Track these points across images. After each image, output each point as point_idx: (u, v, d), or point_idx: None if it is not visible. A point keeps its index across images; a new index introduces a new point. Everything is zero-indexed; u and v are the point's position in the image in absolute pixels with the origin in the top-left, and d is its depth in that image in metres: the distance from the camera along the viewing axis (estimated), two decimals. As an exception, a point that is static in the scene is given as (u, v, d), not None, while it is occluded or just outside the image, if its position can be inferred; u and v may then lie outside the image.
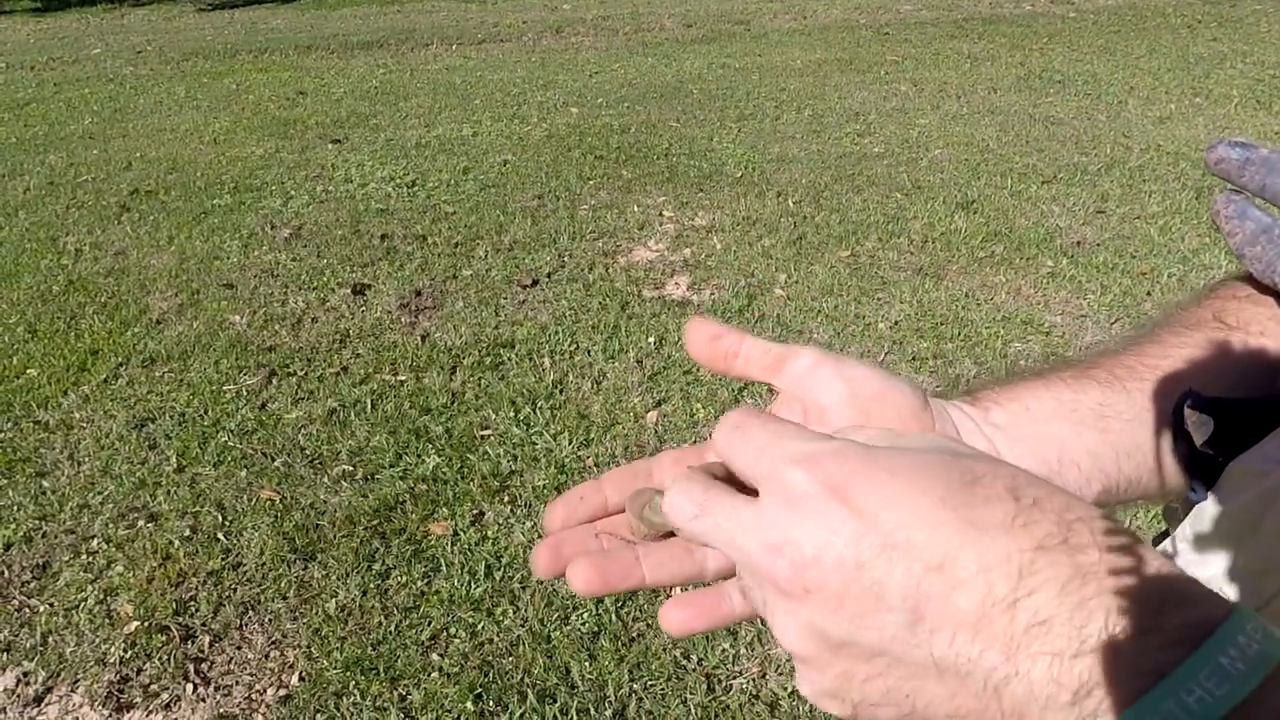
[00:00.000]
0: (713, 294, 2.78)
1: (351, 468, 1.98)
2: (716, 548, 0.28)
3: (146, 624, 1.57)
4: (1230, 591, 0.33)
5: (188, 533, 1.79)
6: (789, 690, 1.41)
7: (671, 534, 0.33)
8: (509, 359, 2.42)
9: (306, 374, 2.38)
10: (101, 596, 1.64)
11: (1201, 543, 0.35)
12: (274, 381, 2.35)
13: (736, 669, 1.45)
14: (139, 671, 1.49)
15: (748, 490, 0.28)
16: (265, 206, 3.64)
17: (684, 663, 1.46)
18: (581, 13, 8.56)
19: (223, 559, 1.72)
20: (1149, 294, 2.74)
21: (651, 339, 2.50)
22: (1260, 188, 0.36)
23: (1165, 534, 0.45)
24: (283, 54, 7.21)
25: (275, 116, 5.16)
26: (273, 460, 2.01)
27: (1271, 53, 5.96)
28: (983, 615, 0.22)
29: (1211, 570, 0.34)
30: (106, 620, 1.59)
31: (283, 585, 1.65)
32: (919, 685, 0.24)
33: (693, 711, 1.38)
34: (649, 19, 8.05)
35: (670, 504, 0.29)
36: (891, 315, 2.62)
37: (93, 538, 1.79)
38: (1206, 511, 0.36)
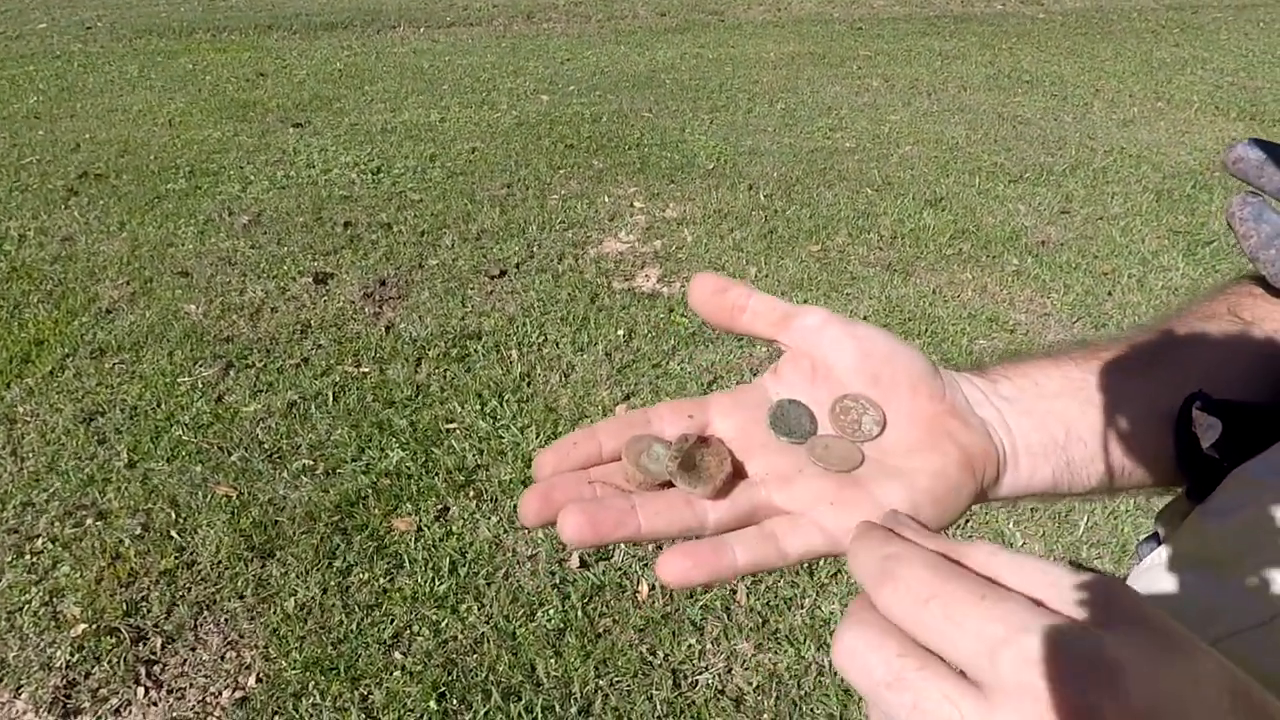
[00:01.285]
0: (683, 286, 2.77)
1: (312, 462, 1.93)
2: None
3: (95, 626, 1.51)
4: (1233, 605, 0.32)
5: (139, 531, 1.73)
6: (754, 685, 1.41)
7: (669, 483, 0.31)
8: (475, 351, 2.38)
9: (265, 365, 2.31)
10: (47, 598, 1.58)
11: (1202, 552, 0.35)
12: (231, 373, 2.28)
13: (702, 664, 1.45)
14: (87, 675, 1.43)
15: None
16: (223, 192, 3.53)
17: (650, 659, 1.46)
18: (553, -1, 8.45)
19: (176, 557, 1.66)
20: (1110, 294, 2.79)
21: (621, 331, 2.48)
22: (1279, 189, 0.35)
23: (1155, 536, 0.44)
24: (242, 33, 6.98)
25: (233, 98, 5.00)
26: (229, 455, 1.95)
27: (1230, 60, 6.12)
28: None
29: (1213, 582, 0.34)
30: (52, 623, 1.53)
31: (239, 584, 1.60)
32: None
33: (659, 707, 1.37)
34: (622, 6, 7.98)
35: (853, 663, 0.22)
36: (860, 310, 2.64)
37: (37, 537, 1.72)
38: (1207, 519, 0.35)
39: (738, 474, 0.33)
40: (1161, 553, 0.37)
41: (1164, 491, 0.39)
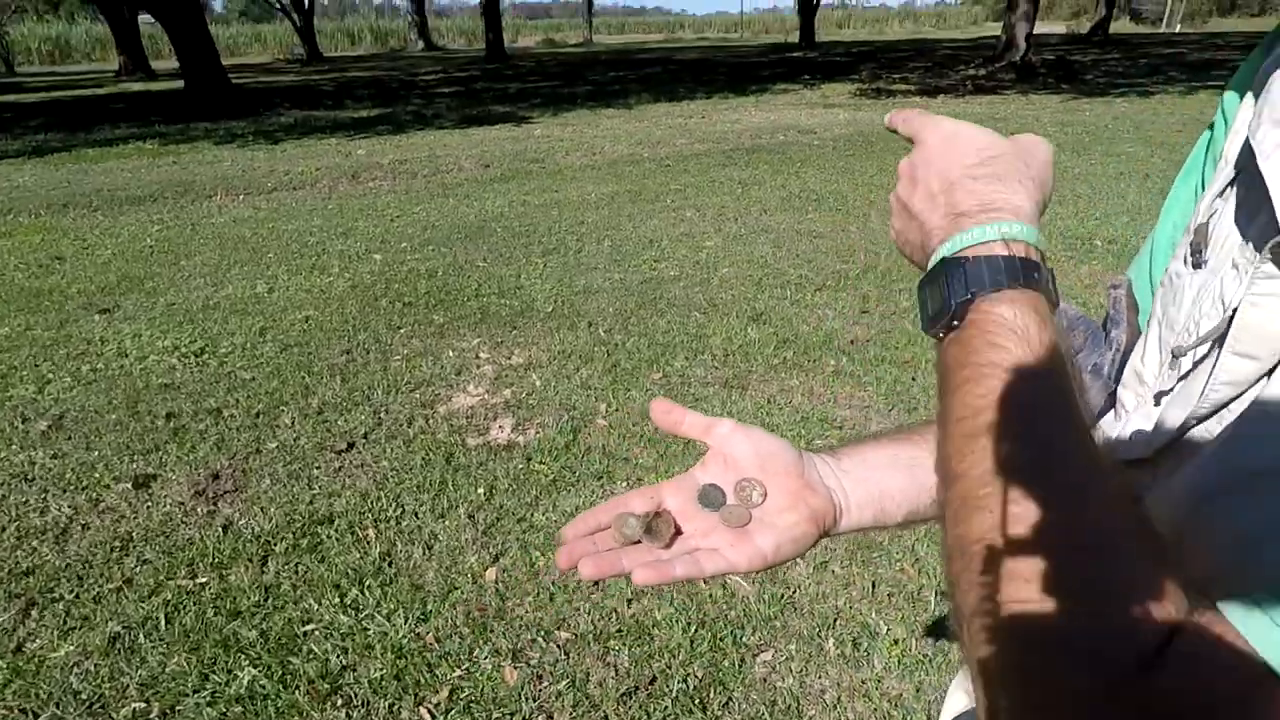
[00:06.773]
0: (538, 433, 2.81)
1: (145, 704, 1.70)
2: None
3: None
4: None
5: (-86, 841, 1.42)
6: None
7: (639, 541, 0.55)
8: (328, 537, 2.25)
9: (78, 596, 2.05)
10: None
11: None
12: (33, 613, 1.99)
13: None
14: None
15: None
16: (14, 396, 3.18)
17: None
18: (377, 157, 8.65)
19: None
20: (914, 379, 3.18)
21: (481, 490, 2.46)
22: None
23: None
24: (32, 214, 6.50)
25: (24, 288, 4.59)
26: (37, 717, 1.67)
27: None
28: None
29: None
30: None
31: None
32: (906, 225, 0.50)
33: None
34: (446, 160, 8.32)
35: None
36: (707, 431, 2.80)
37: None
38: None
39: (678, 532, 0.56)
40: None
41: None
